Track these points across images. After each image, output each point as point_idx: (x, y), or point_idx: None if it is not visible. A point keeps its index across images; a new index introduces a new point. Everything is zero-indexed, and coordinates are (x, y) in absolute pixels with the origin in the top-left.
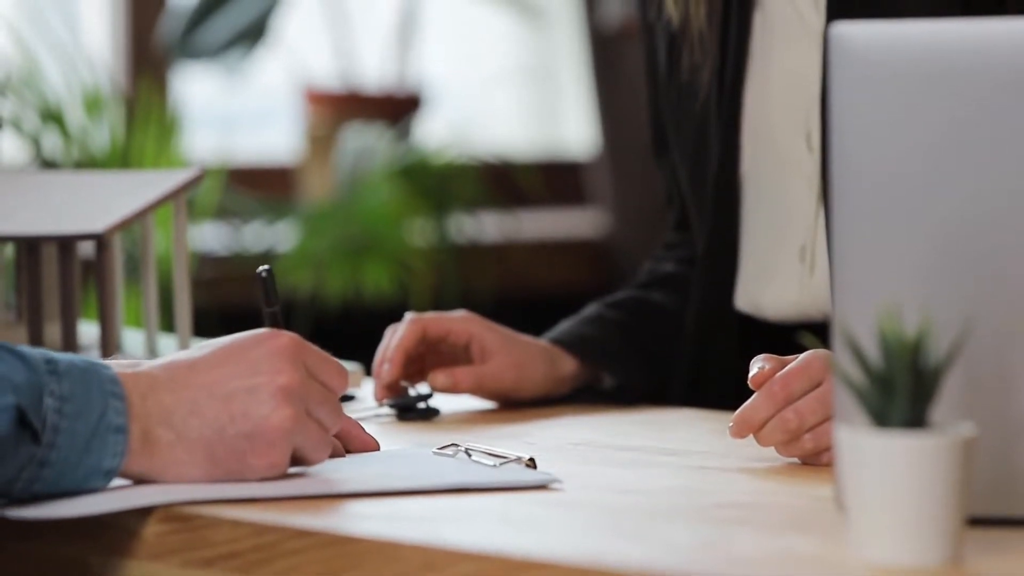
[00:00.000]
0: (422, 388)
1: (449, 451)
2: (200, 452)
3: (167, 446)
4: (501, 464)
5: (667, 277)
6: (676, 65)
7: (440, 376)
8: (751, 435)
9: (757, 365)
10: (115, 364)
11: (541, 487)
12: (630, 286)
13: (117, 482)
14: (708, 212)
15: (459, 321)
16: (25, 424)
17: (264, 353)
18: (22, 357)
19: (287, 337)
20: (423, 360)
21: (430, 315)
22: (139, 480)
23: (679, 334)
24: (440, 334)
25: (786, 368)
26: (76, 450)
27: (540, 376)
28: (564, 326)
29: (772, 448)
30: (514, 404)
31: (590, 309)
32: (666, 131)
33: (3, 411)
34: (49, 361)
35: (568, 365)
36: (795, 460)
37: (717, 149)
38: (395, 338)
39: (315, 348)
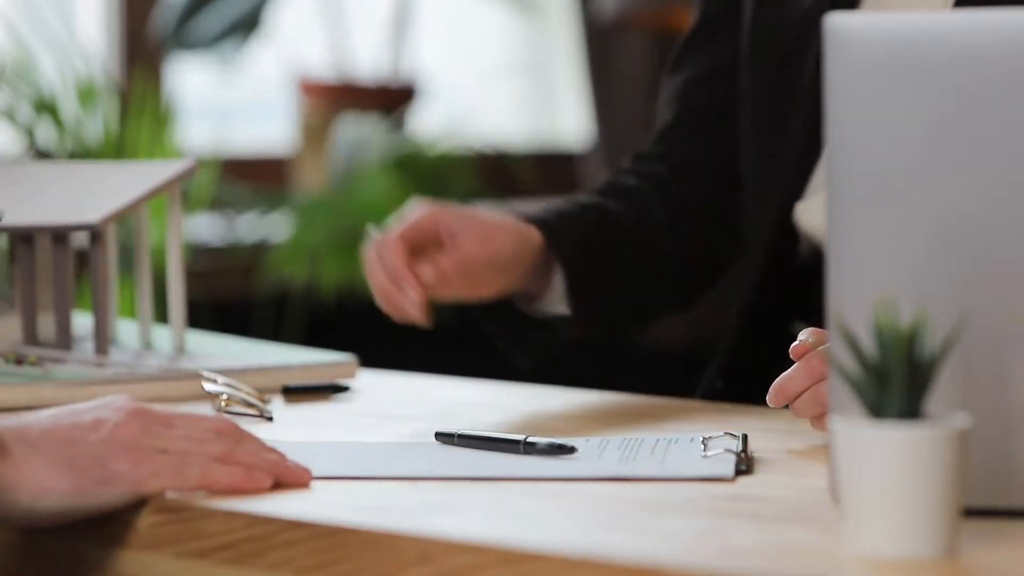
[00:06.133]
0: None
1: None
2: (59, 461)
3: (22, 458)
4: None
5: (626, 190)
6: None
7: (427, 269)
8: (786, 405)
9: (802, 336)
10: None
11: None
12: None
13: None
14: (801, 111)
15: (425, 219)
16: None
17: (104, 401)
18: None
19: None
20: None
21: (399, 228)
22: None
23: (635, 247)
24: (423, 237)
25: (828, 343)
26: None
27: (512, 242)
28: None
29: (770, 439)
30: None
31: (555, 202)
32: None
33: None
34: None
35: (534, 235)
36: (796, 448)
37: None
38: (390, 254)
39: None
